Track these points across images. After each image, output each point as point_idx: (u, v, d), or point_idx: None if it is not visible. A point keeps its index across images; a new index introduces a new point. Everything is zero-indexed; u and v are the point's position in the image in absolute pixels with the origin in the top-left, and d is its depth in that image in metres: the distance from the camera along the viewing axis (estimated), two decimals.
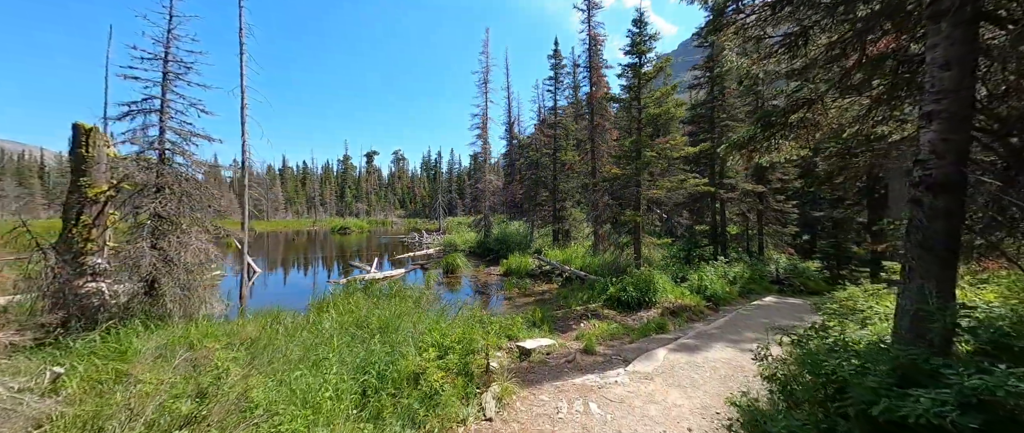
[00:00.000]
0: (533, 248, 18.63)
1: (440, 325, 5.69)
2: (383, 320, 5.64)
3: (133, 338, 4.65)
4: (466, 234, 23.75)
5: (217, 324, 5.50)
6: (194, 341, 4.69)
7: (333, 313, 6.63)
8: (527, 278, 13.64)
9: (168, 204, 5.27)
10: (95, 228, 5.03)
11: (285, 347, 4.33)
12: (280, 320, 5.80)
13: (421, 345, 4.74)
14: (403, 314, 6.46)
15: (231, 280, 14.56)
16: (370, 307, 6.96)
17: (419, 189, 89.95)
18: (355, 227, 47.32)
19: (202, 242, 5.53)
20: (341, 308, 7.13)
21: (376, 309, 6.44)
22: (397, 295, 9.63)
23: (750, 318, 7.77)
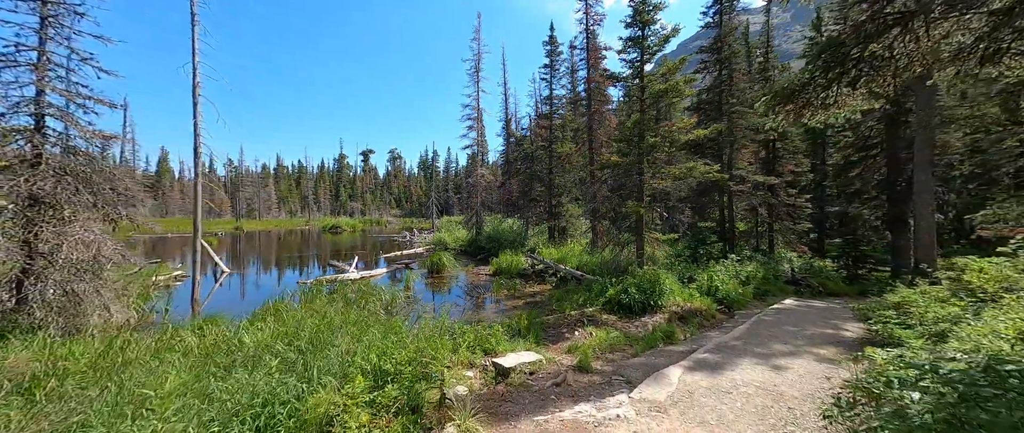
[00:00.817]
0: (527, 246, 17.43)
1: (388, 340, 4.48)
2: (317, 333, 4.43)
3: None
4: (457, 232, 22.53)
5: (64, 344, 4.11)
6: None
7: (270, 323, 5.41)
8: (518, 278, 12.44)
9: (43, 184, 4.07)
10: None
11: (120, 382, 2.98)
12: (180, 335, 4.58)
13: (350, 371, 3.53)
14: (351, 323, 5.27)
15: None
16: (311, 315, 5.76)
17: (415, 188, 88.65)
18: (347, 226, 46.05)
19: (92, 233, 4.32)
20: (285, 318, 5.93)
21: (311, 318, 5.22)
22: (366, 298, 8.43)
23: (774, 325, 6.58)
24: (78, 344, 3.72)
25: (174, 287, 11.94)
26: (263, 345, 4.13)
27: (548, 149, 18.29)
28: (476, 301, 9.85)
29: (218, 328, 5.11)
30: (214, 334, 4.82)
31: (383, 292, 8.75)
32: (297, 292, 8.76)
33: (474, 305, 9.45)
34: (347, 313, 6.14)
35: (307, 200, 72.50)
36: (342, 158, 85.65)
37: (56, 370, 3.13)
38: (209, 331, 5.18)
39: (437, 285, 12.19)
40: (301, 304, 7.94)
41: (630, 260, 9.83)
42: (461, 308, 9.15)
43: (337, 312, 6.21)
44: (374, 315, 7.80)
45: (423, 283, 12.38)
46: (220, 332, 4.87)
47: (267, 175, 78.41)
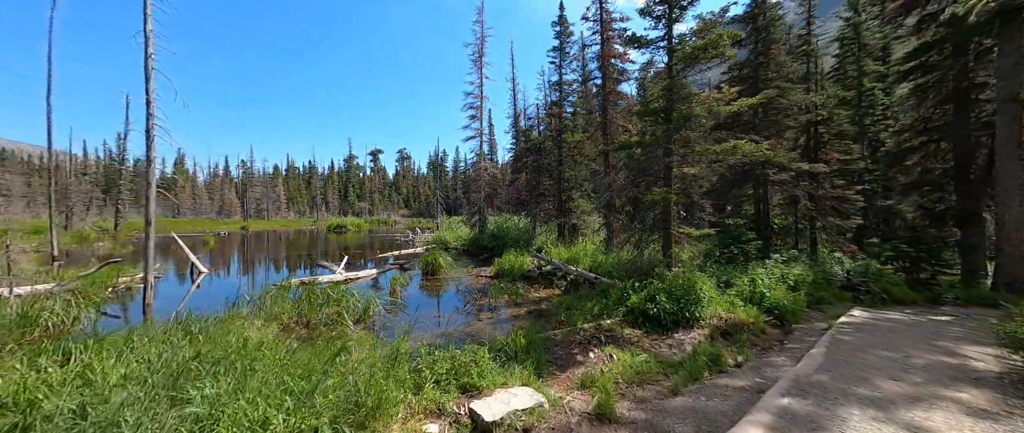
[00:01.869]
0: (534, 245, 15.83)
1: (310, 380, 2.97)
2: (183, 369, 2.94)
3: None
4: (460, 230, 21.09)
5: None
6: None
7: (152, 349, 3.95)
8: (522, 282, 10.87)
9: None
10: None
11: None
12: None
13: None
14: (256, 349, 3.80)
15: (171, 283, 12.18)
16: (228, 333, 4.32)
17: (424, 188, 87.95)
18: (353, 226, 45.20)
19: None
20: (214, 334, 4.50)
21: (209, 346, 3.73)
22: (338, 304, 6.99)
23: (860, 349, 4.87)
24: None
25: (132, 290, 10.75)
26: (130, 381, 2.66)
27: (557, 139, 16.69)
28: (471, 309, 8.33)
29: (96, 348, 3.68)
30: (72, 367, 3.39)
31: (356, 298, 7.28)
32: (262, 296, 7.39)
33: (466, 314, 7.92)
34: (265, 332, 4.66)
35: (315, 200, 72.33)
36: (351, 159, 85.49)
37: None
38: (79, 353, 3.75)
39: (431, 288, 10.71)
40: (225, 318, 6.54)
41: (655, 260, 8.16)
42: (449, 319, 7.63)
43: (260, 329, 4.74)
44: (338, 328, 6.36)
45: (416, 286, 10.92)
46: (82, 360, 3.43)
47: (277, 175, 78.76)
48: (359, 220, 54.21)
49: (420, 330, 6.76)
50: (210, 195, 70.06)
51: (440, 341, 6.17)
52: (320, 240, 29.96)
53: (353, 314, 7.04)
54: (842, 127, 12.93)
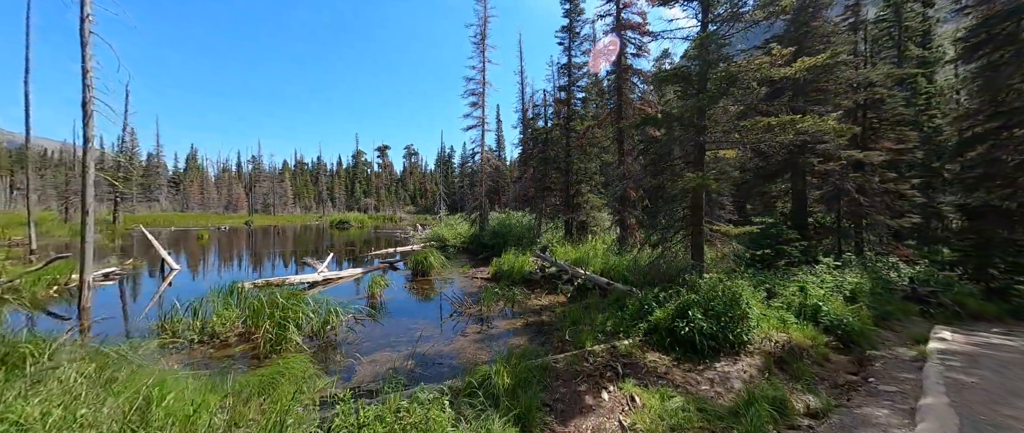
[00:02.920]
0: (539, 244, 14.41)
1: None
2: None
3: None
4: (460, 227, 19.76)
5: None
6: None
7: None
8: (522, 285, 9.48)
9: None
10: None
11: None
12: None
13: None
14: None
15: (143, 281, 11.07)
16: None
17: (430, 185, 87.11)
18: (356, 222, 44.32)
19: None
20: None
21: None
22: (287, 313, 5.68)
23: (1000, 399, 3.36)
24: None
25: (98, 288, 9.65)
26: None
27: (565, 127, 15.20)
28: (456, 319, 6.95)
29: None
30: None
31: (311, 308, 5.96)
32: (203, 301, 6.17)
33: (451, 325, 6.55)
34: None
35: (322, 196, 72.05)
36: (359, 155, 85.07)
37: None
38: None
39: (418, 291, 9.38)
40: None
41: (680, 264, 6.68)
42: (428, 332, 6.26)
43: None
44: (284, 345, 5.04)
45: (401, 288, 9.60)
46: None
47: (286, 171, 78.75)
48: (363, 216, 53.49)
49: (388, 348, 5.43)
50: (218, 190, 70.23)
51: (408, 365, 4.83)
52: (320, 236, 29.00)
53: (310, 326, 5.73)
54: (898, 111, 11.16)
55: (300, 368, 4.09)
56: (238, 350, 5.15)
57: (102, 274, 10.58)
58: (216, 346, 5.28)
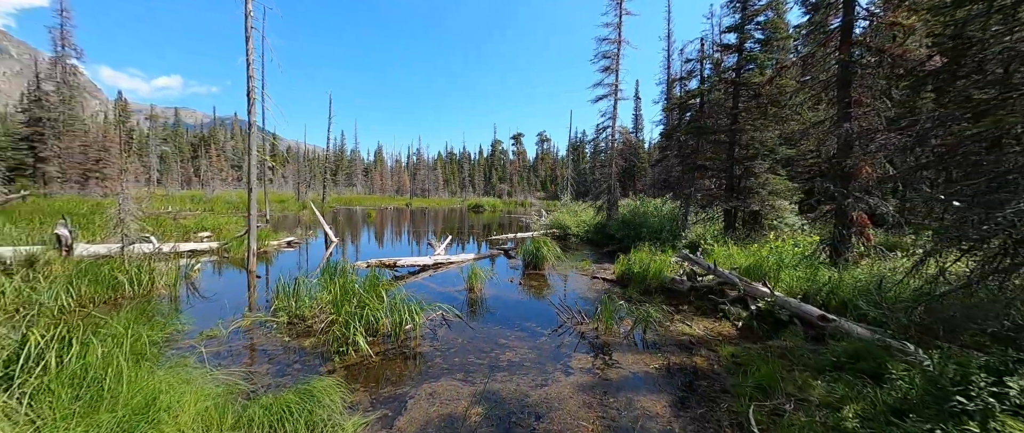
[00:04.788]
0: (683, 241, 11.08)
1: None
2: None
3: None
4: (584, 214, 17.53)
5: None
6: None
7: None
8: (661, 297, 6.87)
9: None
10: None
11: None
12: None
13: None
14: None
15: (315, 247, 13.19)
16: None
17: (562, 171, 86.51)
18: (489, 206, 47.06)
19: None
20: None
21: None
22: (363, 307, 4.91)
23: None
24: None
25: (282, 252, 11.75)
26: None
27: (733, 80, 11.10)
28: (560, 339, 5.07)
29: None
30: None
31: (395, 302, 5.02)
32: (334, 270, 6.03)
33: (551, 348, 4.70)
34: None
35: (464, 182, 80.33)
36: (496, 144, 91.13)
37: None
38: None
39: (526, 287, 7.90)
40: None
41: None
42: (518, 354, 4.58)
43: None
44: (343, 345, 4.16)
45: (507, 281, 8.31)
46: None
47: (438, 161, 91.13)
48: (496, 201, 56.67)
49: (461, 372, 3.98)
50: (392, 177, 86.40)
51: (473, 414, 3.25)
52: (456, 218, 31.43)
53: (387, 323, 4.82)
54: None
55: (327, 396, 2.94)
56: (308, 344, 4.57)
57: (285, 241, 12.93)
58: (298, 333, 4.88)
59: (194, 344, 4.47)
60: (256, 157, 8.55)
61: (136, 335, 3.32)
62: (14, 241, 8.01)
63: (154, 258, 7.34)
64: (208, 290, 7.08)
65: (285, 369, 3.99)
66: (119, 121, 48.68)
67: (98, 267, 6.25)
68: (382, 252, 13.24)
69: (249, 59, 8.16)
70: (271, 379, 3.75)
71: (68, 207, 14.41)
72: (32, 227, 9.97)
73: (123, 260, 6.63)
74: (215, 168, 59.03)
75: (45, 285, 5.69)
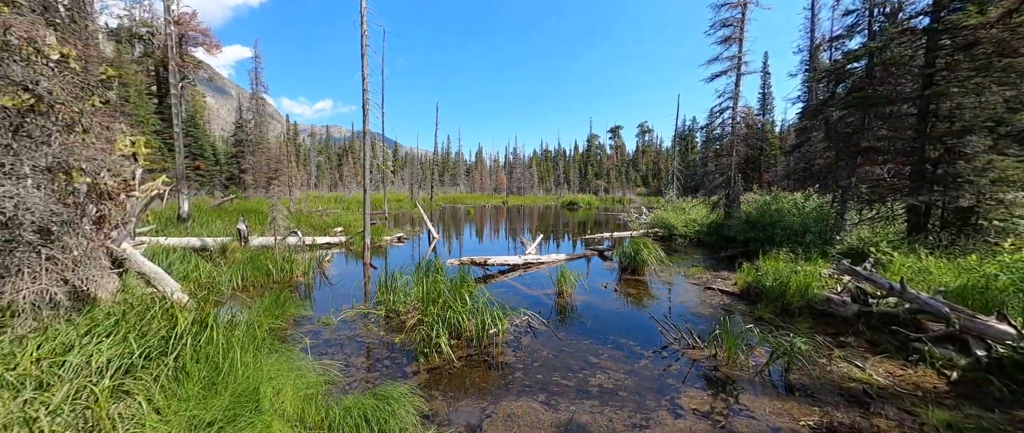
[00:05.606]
0: (839, 246, 8.60)
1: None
2: None
3: None
4: (694, 212, 15.20)
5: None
6: None
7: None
8: (806, 318, 5.27)
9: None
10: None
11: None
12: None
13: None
14: None
15: (420, 244, 14.52)
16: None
17: (666, 164, 79.02)
18: (584, 203, 45.69)
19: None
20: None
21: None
22: (449, 308, 4.89)
23: None
24: None
25: (393, 246, 13.17)
26: None
27: (925, 32, 8.06)
28: (668, 361, 4.17)
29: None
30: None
31: (478, 305, 4.88)
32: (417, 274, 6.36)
33: (652, 380, 3.85)
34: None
35: (559, 179, 79.73)
36: (592, 138, 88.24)
37: None
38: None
39: (622, 294, 7.03)
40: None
41: None
42: (606, 382, 3.89)
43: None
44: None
45: (600, 287, 7.55)
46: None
47: (534, 159, 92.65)
48: (591, 197, 54.69)
49: (543, 392, 3.56)
50: (491, 176, 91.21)
51: None
52: (550, 215, 31.21)
53: (471, 327, 4.70)
54: None
55: (403, 406, 2.83)
56: (399, 340, 4.72)
57: (396, 237, 14.44)
58: (391, 328, 5.12)
59: (314, 328, 5.05)
60: (370, 162, 9.62)
61: (258, 323, 3.77)
62: (220, 234, 10.60)
63: (297, 249, 8.80)
64: (334, 278, 8.17)
65: (376, 364, 4.14)
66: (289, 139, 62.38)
67: (259, 256, 7.75)
68: (476, 249, 13.71)
69: (364, 74, 9.16)
70: (363, 374, 3.91)
71: (255, 207, 18.82)
72: (231, 223, 13.18)
73: (274, 251, 8.12)
74: (352, 173, 71.07)
75: (226, 269, 7.27)
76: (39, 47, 3.38)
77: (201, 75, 33.59)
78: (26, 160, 3.32)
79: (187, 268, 6.77)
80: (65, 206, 3.69)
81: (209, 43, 28.91)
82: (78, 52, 3.91)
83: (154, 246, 7.05)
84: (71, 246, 3.66)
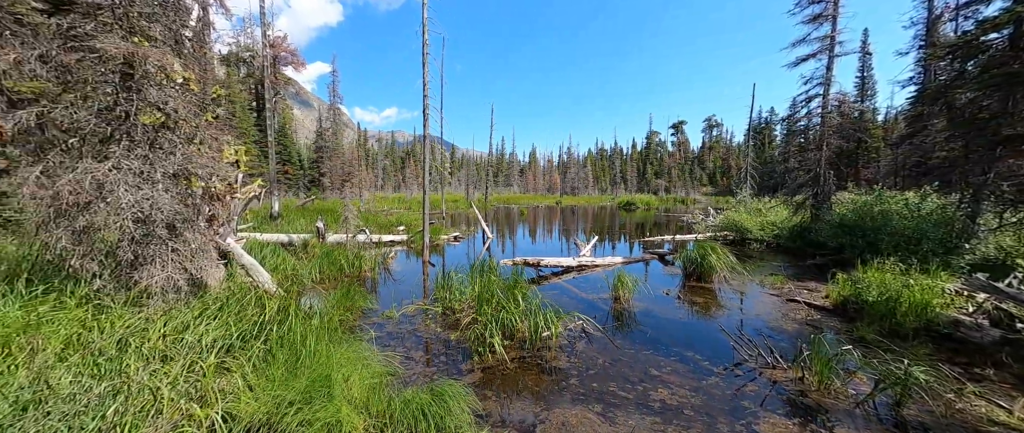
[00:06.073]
0: (969, 256, 7.11)
1: None
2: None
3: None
4: (772, 214, 13.54)
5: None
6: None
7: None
8: (924, 343, 4.38)
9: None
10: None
11: None
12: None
13: None
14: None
15: (474, 243, 14.97)
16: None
17: (737, 161, 72.37)
18: (642, 203, 43.46)
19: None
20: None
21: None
22: (499, 307, 4.94)
23: None
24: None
25: (450, 245, 13.72)
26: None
27: None
28: (742, 379, 3.73)
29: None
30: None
31: (522, 308, 4.84)
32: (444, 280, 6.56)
33: (724, 402, 3.45)
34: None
35: (615, 179, 76.88)
36: (652, 135, 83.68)
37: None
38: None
39: (687, 302, 6.50)
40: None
41: None
42: (669, 399, 3.58)
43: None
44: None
45: (660, 293, 7.06)
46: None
47: (589, 158, 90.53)
48: (651, 198, 51.86)
49: (598, 403, 3.43)
50: (544, 177, 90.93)
51: None
52: (605, 216, 30.20)
53: (524, 329, 4.67)
54: None
55: (457, 404, 2.89)
56: (454, 337, 4.85)
57: (452, 236, 14.99)
58: (448, 324, 5.28)
59: (379, 321, 5.41)
60: (429, 164, 10.11)
61: (330, 314, 4.12)
62: (302, 231, 11.90)
63: (365, 246, 9.52)
64: (397, 274, 8.71)
65: (433, 359, 4.30)
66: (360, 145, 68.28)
67: (333, 252, 8.53)
68: (528, 249, 13.69)
69: (425, 80, 9.64)
70: (421, 368, 4.08)
71: (331, 207, 20.86)
72: (311, 221, 14.74)
73: (345, 247, 8.88)
74: (413, 175, 75.58)
75: (307, 262, 8.11)
76: (169, 73, 4.05)
77: (289, 90, 38.05)
78: (158, 168, 4.00)
79: (276, 261, 7.68)
80: (185, 206, 4.38)
81: (296, 62, 32.68)
82: (197, 75, 4.62)
83: (251, 241, 8.12)
84: (190, 240, 4.32)
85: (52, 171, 3.63)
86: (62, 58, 3.79)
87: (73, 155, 3.85)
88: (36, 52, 3.70)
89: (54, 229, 3.65)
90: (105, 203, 3.65)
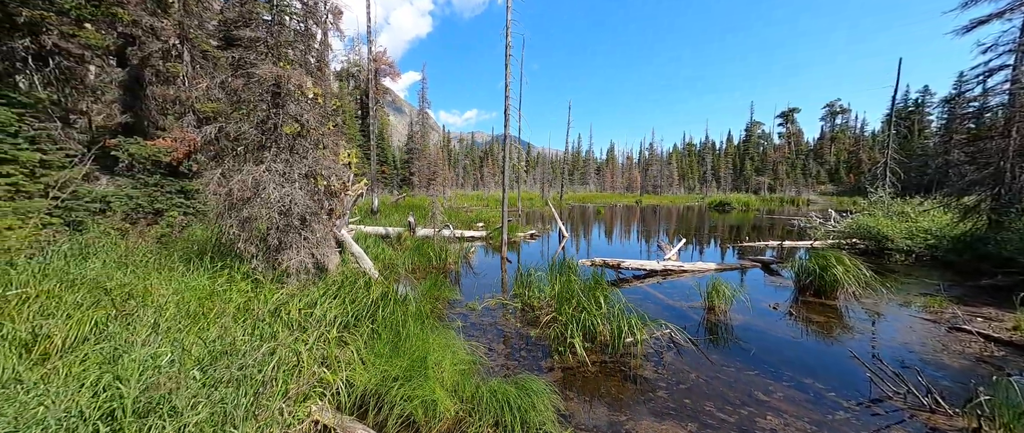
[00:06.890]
0: None
1: None
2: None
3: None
4: (924, 219, 10.74)
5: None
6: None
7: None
8: None
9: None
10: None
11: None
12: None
13: None
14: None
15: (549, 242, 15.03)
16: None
17: (869, 153, 59.95)
18: (739, 204, 38.65)
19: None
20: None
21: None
22: (580, 308, 4.86)
23: None
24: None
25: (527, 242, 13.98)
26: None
27: None
28: (884, 418, 3.06)
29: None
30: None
31: (603, 311, 4.66)
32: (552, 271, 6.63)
33: None
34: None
35: (705, 176, 69.56)
36: (753, 127, 73.69)
37: None
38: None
39: (801, 319, 5.58)
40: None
41: None
42: (782, 430, 3.08)
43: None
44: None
45: (770, 306, 6.18)
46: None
47: (674, 154, 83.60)
48: (750, 197, 45.85)
49: (692, 421, 3.16)
50: (623, 174, 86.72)
51: None
52: (693, 217, 27.59)
53: (606, 332, 4.53)
54: None
55: (541, 400, 2.95)
56: (534, 333, 4.91)
57: (529, 234, 15.21)
58: (527, 321, 5.37)
59: (463, 312, 5.76)
60: (510, 163, 10.39)
61: (422, 302, 4.50)
62: (396, 225, 13.27)
63: (449, 241, 10.20)
64: (477, 268, 9.17)
65: (514, 353, 4.42)
66: (444, 146, 73.37)
67: (422, 245, 9.33)
68: (605, 250, 13.18)
69: (507, 82, 9.91)
70: (503, 360, 4.23)
71: (419, 203, 22.87)
72: (403, 216, 16.36)
73: (432, 241, 9.64)
74: (491, 173, 78.58)
75: (400, 253, 9.02)
76: (304, 90, 4.84)
77: (387, 98, 42.62)
78: (295, 169, 4.82)
79: (377, 250, 8.70)
80: (313, 201, 5.20)
81: (393, 73, 36.46)
82: (322, 90, 5.45)
83: (358, 232, 9.33)
84: (316, 230, 5.13)
85: (227, 173, 4.63)
86: (232, 83, 4.80)
87: (239, 160, 4.85)
88: (218, 80, 4.74)
89: (227, 218, 4.66)
90: (259, 198, 4.54)
